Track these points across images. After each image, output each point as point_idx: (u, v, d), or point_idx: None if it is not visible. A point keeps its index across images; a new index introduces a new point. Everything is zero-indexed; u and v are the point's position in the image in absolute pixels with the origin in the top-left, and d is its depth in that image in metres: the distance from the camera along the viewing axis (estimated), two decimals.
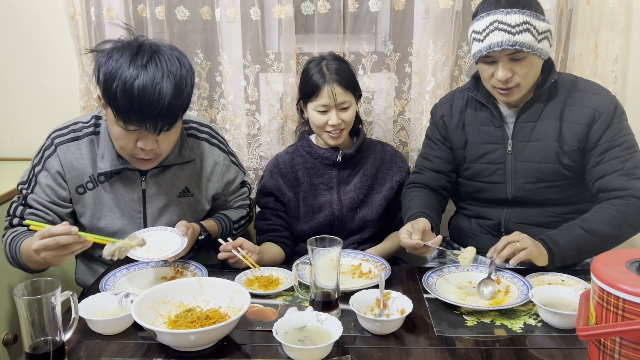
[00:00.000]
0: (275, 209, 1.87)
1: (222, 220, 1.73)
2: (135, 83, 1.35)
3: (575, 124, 1.58)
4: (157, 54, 1.40)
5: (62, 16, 2.12)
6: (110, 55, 1.39)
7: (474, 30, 1.55)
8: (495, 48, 1.49)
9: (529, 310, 1.32)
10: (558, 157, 1.60)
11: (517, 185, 1.64)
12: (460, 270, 1.50)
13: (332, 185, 1.85)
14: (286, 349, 1.11)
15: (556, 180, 1.62)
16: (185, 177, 1.66)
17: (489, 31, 1.50)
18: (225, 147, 1.75)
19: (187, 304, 1.28)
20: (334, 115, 1.76)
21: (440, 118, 1.76)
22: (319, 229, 1.83)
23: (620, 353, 0.94)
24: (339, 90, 1.76)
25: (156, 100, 1.36)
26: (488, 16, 1.51)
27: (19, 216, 1.55)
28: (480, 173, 1.69)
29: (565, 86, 1.62)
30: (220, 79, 2.16)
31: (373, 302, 1.30)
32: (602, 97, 1.59)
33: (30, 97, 2.25)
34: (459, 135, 1.72)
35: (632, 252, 1.02)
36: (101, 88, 1.41)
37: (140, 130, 1.41)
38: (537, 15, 1.50)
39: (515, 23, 1.48)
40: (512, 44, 1.48)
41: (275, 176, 1.87)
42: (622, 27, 2.00)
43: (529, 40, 1.48)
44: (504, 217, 1.68)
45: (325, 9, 2.05)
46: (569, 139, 1.59)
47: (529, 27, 1.48)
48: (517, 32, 1.48)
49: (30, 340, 1.06)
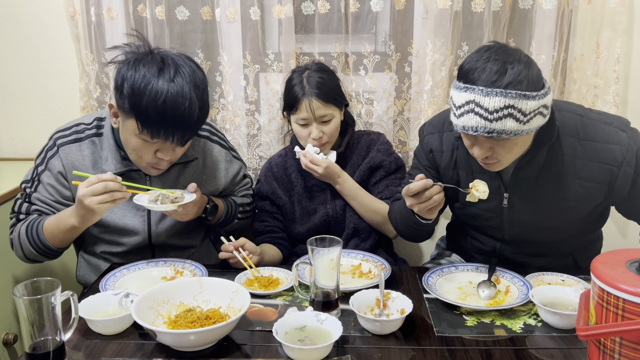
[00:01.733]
0: (272, 212, 1.87)
1: (227, 200, 1.76)
2: (167, 98, 1.36)
3: (590, 182, 1.41)
4: (180, 67, 1.41)
5: (62, 16, 2.12)
6: (135, 68, 1.39)
7: (451, 98, 1.32)
8: (469, 131, 1.28)
9: (529, 310, 1.32)
10: (560, 212, 1.46)
11: (515, 232, 1.53)
12: (460, 270, 1.50)
13: (325, 185, 1.85)
14: (286, 349, 1.11)
15: (556, 227, 1.51)
16: (189, 175, 1.66)
17: (464, 111, 1.27)
18: (226, 144, 1.78)
19: (187, 304, 1.28)
20: (314, 129, 1.75)
21: (430, 152, 1.58)
22: (316, 230, 1.82)
23: (620, 353, 0.94)
24: (318, 104, 1.73)
25: (187, 114, 1.39)
26: (466, 92, 1.26)
27: (25, 212, 1.57)
28: (475, 217, 1.58)
29: (570, 134, 1.40)
30: (220, 79, 2.16)
31: (373, 302, 1.30)
32: (619, 147, 1.38)
33: (30, 97, 2.24)
34: (451, 175, 1.55)
35: (632, 252, 1.02)
36: (126, 101, 1.40)
37: (162, 143, 1.44)
38: (524, 95, 1.22)
39: (493, 108, 1.22)
40: (489, 131, 1.25)
41: (270, 180, 1.88)
42: (624, 27, 1.99)
43: (510, 127, 1.24)
44: (499, 247, 1.60)
45: (325, 9, 2.05)
46: (578, 196, 1.42)
47: (511, 111, 1.22)
48: (495, 119, 1.23)
49: (30, 340, 1.06)
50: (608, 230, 1.78)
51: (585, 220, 1.52)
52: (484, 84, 1.23)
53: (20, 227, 1.55)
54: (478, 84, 1.24)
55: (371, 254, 1.62)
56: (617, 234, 1.71)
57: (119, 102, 1.43)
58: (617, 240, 1.69)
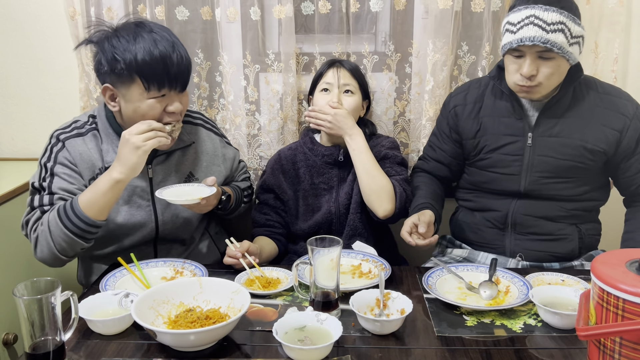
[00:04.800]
0: (275, 206, 1.87)
1: (234, 188, 1.79)
2: (159, 45, 1.46)
3: (606, 127, 1.59)
4: (151, 24, 1.52)
5: (62, 16, 2.11)
6: (116, 38, 1.47)
7: (509, 22, 1.53)
8: (526, 42, 1.47)
9: (529, 310, 1.32)
10: (579, 154, 1.60)
11: (532, 179, 1.65)
12: (460, 270, 1.50)
13: (332, 184, 1.85)
14: (286, 349, 1.12)
15: (571, 176, 1.63)
16: (189, 162, 1.69)
17: (523, 24, 1.48)
18: (218, 131, 1.83)
19: (187, 304, 1.28)
20: (335, 94, 1.78)
21: (453, 108, 1.76)
22: (318, 227, 1.82)
23: (620, 353, 0.94)
24: (344, 73, 1.80)
25: (180, 56, 1.49)
26: (525, 9, 1.49)
27: (48, 204, 1.52)
28: (496, 164, 1.68)
29: (592, 87, 1.63)
30: (220, 79, 2.16)
31: (373, 302, 1.30)
32: (631, 104, 1.62)
33: (30, 97, 2.24)
34: (471, 124, 1.71)
35: (632, 252, 1.02)
36: (123, 68, 1.45)
37: (168, 94, 1.50)
38: (574, 18, 1.48)
39: (551, 21, 1.45)
40: (544, 41, 1.46)
41: (277, 173, 1.87)
42: (622, 27, 1.99)
43: (561, 40, 1.46)
44: (512, 209, 1.69)
45: (325, 9, 2.05)
46: (596, 139, 1.60)
47: (563, 27, 1.46)
48: (551, 31, 1.46)
49: (30, 340, 1.06)
50: (608, 230, 1.78)
51: (594, 179, 1.66)
52: (543, 2, 1.47)
53: (48, 215, 1.47)
54: (538, 2, 1.48)
55: (372, 254, 1.62)
56: (617, 233, 1.72)
57: (114, 78, 1.48)
58: (617, 239, 1.70)
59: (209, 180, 1.58)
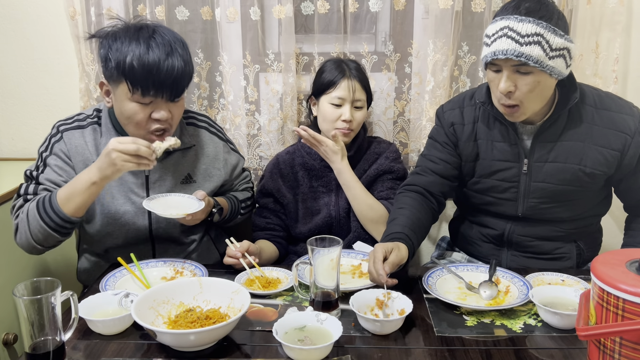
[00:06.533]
0: (275, 210, 1.87)
1: (231, 199, 1.78)
2: (150, 52, 1.44)
3: (605, 149, 1.51)
4: (157, 28, 1.51)
5: (62, 16, 2.12)
6: (115, 36, 1.47)
7: (486, 34, 1.46)
8: (499, 55, 1.38)
9: (529, 310, 1.32)
10: (577, 179, 1.53)
11: (530, 204, 1.59)
12: (460, 270, 1.50)
13: (331, 187, 1.85)
14: (286, 349, 1.11)
15: (570, 199, 1.57)
16: (188, 164, 1.69)
17: (497, 37, 1.39)
18: (223, 136, 1.81)
19: (187, 304, 1.28)
20: (347, 110, 1.77)
21: (451, 125, 1.65)
22: (318, 230, 1.82)
23: (620, 353, 0.94)
24: (358, 87, 1.79)
25: (172, 65, 1.45)
26: (501, 20, 1.40)
27: (32, 193, 1.55)
28: (491, 189, 1.62)
29: (589, 103, 1.53)
30: (220, 79, 2.16)
31: (373, 302, 1.30)
32: (632, 118, 1.51)
33: (30, 97, 2.24)
34: (471, 148, 1.63)
35: (632, 252, 1.02)
36: (113, 66, 1.45)
37: (155, 101, 1.48)
38: (554, 30, 1.36)
39: (525, 32, 1.35)
40: (517, 54, 1.36)
41: (275, 177, 1.87)
42: (623, 27, 1.99)
43: (537, 53, 1.35)
44: (509, 229, 1.64)
45: (324, 9, 2.05)
46: (594, 162, 1.52)
47: (540, 39, 1.35)
48: (525, 43, 1.35)
49: (30, 340, 1.06)
50: (608, 229, 1.78)
51: (594, 197, 1.60)
52: (520, 14, 1.37)
53: (29, 205, 1.51)
54: (514, 13, 1.38)
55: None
56: (617, 232, 1.72)
57: (107, 74, 1.49)
58: (617, 238, 1.70)
59: (199, 194, 1.57)
